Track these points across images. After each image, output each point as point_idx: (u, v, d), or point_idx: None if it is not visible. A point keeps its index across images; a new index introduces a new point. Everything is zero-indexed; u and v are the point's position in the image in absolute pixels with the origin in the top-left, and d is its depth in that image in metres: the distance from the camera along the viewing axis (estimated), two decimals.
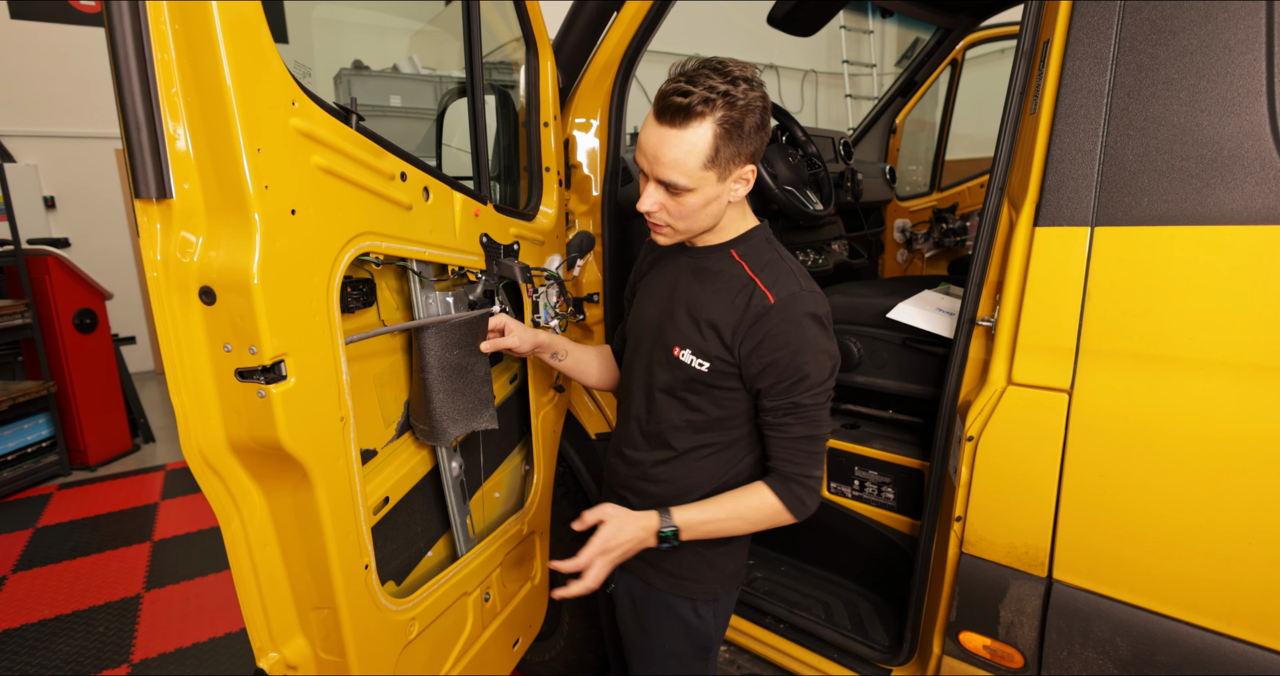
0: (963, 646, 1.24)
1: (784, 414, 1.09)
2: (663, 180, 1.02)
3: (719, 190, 1.04)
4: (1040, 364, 1.10)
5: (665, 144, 0.98)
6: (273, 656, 1.02)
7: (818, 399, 1.08)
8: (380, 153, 1.04)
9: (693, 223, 1.08)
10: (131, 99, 0.77)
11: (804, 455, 1.10)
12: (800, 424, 1.08)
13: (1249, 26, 0.91)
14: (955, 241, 3.19)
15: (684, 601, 1.22)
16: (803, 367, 1.05)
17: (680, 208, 1.04)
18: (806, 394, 1.07)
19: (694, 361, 1.11)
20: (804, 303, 1.06)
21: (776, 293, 1.06)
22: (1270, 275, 0.91)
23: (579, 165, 1.73)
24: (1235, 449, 0.95)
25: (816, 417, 1.09)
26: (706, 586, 1.22)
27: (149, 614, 2.58)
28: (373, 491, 1.19)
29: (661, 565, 1.22)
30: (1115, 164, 1.02)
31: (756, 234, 1.15)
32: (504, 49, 1.69)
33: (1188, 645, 1.01)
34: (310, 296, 0.91)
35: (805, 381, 1.06)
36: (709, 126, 0.96)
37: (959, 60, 3.17)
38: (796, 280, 1.08)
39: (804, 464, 1.10)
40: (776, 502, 1.09)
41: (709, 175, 1.01)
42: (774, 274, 1.09)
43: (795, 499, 1.10)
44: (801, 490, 1.10)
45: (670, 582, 1.22)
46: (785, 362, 1.05)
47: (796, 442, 1.09)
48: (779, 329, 1.04)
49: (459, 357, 1.25)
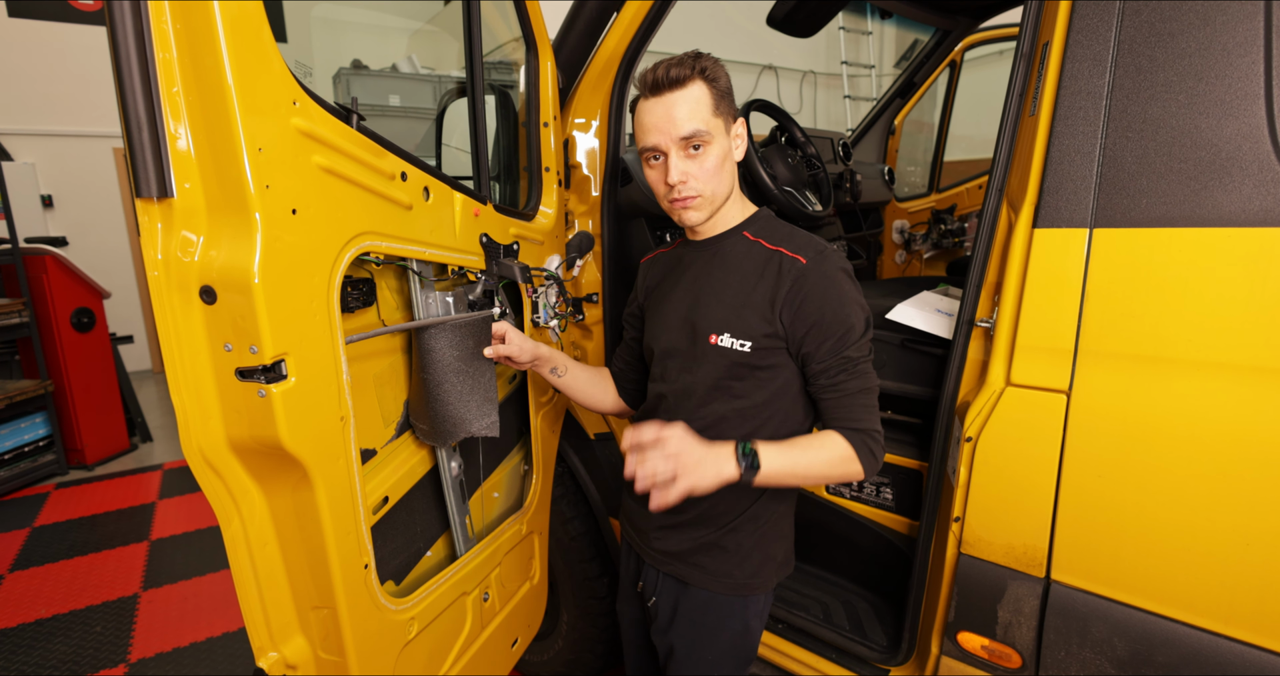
0: (961, 646, 1.25)
1: (837, 371, 1.08)
2: (685, 135, 1.07)
3: (727, 144, 1.11)
4: (1039, 365, 1.10)
5: (675, 106, 1.06)
6: (272, 656, 1.02)
7: (863, 351, 1.09)
8: (381, 152, 1.04)
9: (717, 184, 1.11)
10: (133, 98, 0.77)
11: (864, 409, 1.09)
12: (854, 378, 1.08)
13: (1247, 29, 0.92)
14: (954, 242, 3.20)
15: (737, 602, 1.20)
16: (847, 320, 1.07)
17: (704, 167, 1.09)
18: (854, 347, 1.07)
19: (734, 344, 1.11)
20: (834, 258, 1.09)
21: (806, 254, 1.09)
22: (1268, 277, 0.91)
23: (578, 165, 1.73)
24: (1233, 450, 0.95)
25: (866, 370, 1.09)
26: (761, 580, 1.20)
27: (146, 613, 2.58)
28: (372, 491, 1.19)
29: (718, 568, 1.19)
30: (1114, 166, 1.02)
31: (762, 214, 1.19)
32: (504, 49, 1.69)
33: (1185, 645, 1.02)
34: (311, 296, 0.91)
35: (851, 334, 1.07)
36: (700, 84, 1.07)
37: (958, 61, 3.17)
38: (818, 241, 1.12)
39: (866, 418, 1.09)
40: (849, 450, 1.07)
41: (719, 124, 1.09)
42: (796, 241, 1.12)
43: (866, 449, 1.08)
44: (872, 442, 1.08)
45: (726, 584, 1.19)
46: (831, 318, 1.06)
47: (855, 398, 1.09)
48: (818, 286, 1.07)
49: (460, 359, 1.24)
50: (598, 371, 1.42)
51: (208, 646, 2.37)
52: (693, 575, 1.21)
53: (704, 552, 1.20)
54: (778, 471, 1.03)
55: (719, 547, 1.19)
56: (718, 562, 1.19)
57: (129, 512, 3.46)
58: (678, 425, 1.01)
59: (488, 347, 1.28)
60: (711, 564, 1.19)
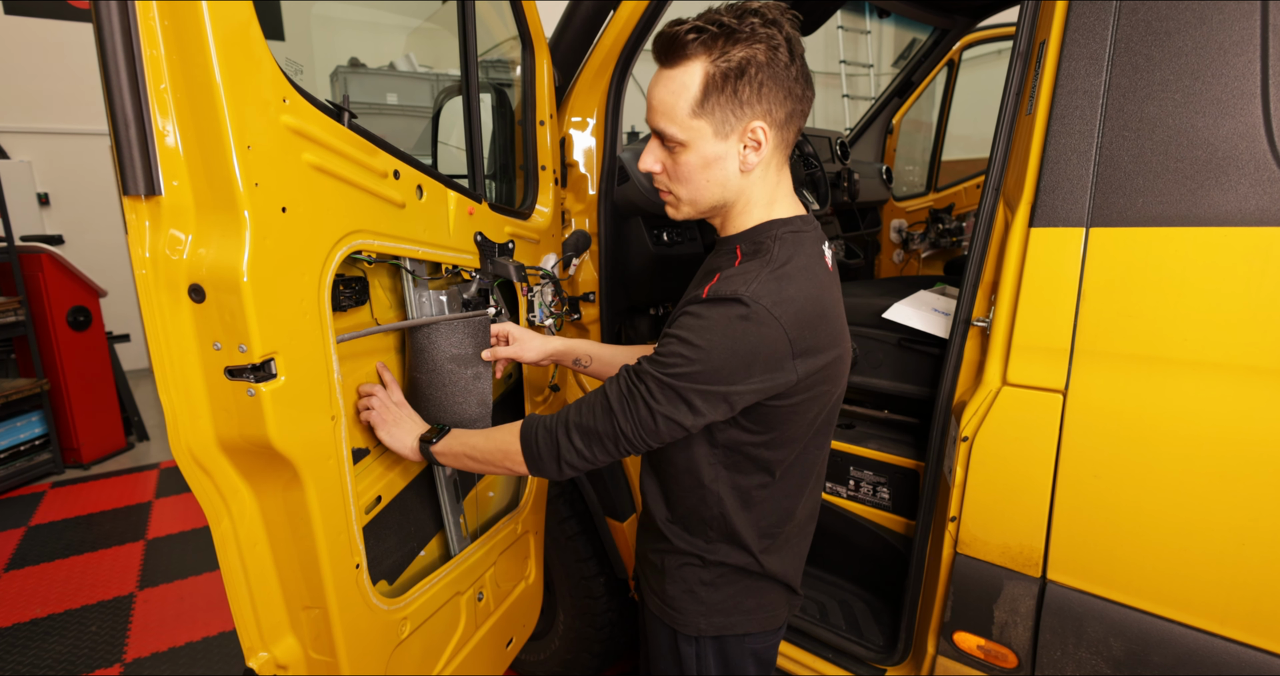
0: (957, 646, 1.24)
1: (622, 370, 0.93)
2: (654, 129, 0.89)
3: (719, 150, 0.88)
4: (1035, 364, 1.09)
5: (656, 84, 0.87)
6: (262, 656, 1.02)
7: (656, 386, 0.86)
8: (373, 150, 1.03)
9: (695, 191, 0.92)
10: (120, 95, 0.76)
11: (578, 407, 0.94)
12: (614, 382, 0.91)
13: (1244, 28, 0.91)
14: (951, 242, 3.20)
15: (664, 628, 1.10)
16: (675, 352, 0.86)
17: (677, 168, 0.90)
18: (656, 370, 0.87)
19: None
20: (728, 308, 0.85)
21: (715, 290, 0.87)
22: (1264, 277, 0.91)
23: (575, 164, 1.73)
24: (1228, 450, 0.95)
25: (630, 394, 0.88)
26: (686, 618, 1.06)
27: (142, 613, 2.57)
28: (365, 490, 1.18)
29: (650, 582, 1.12)
30: (1110, 165, 1.02)
31: (769, 229, 0.94)
32: (500, 47, 1.69)
33: (1181, 645, 1.01)
34: (301, 294, 0.90)
35: (665, 365, 0.86)
36: (699, 64, 0.84)
37: (956, 61, 3.17)
38: (748, 283, 0.86)
39: (570, 413, 0.94)
40: (512, 437, 0.98)
41: (701, 127, 0.86)
42: (740, 273, 0.89)
43: (531, 438, 0.96)
44: (543, 431, 0.95)
45: (655, 604, 1.10)
46: (668, 341, 0.88)
47: (591, 395, 0.93)
48: (687, 319, 0.87)
49: (454, 360, 1.23)
50: (632, 352, 1.29)
51: (204, 646, 2.36)
52: (641, 582, 1.16)
53: (644, 562, 1.14)
54: (450, 451, 1.08)
55: (651, 562, 1.11)
56: (651, 576, 1.12)
57: (125, 512, 3.46)
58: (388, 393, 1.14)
59: (486, 351, 1.24)
60: (648, 574, 1.12)
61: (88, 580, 2.81)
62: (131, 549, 3.05)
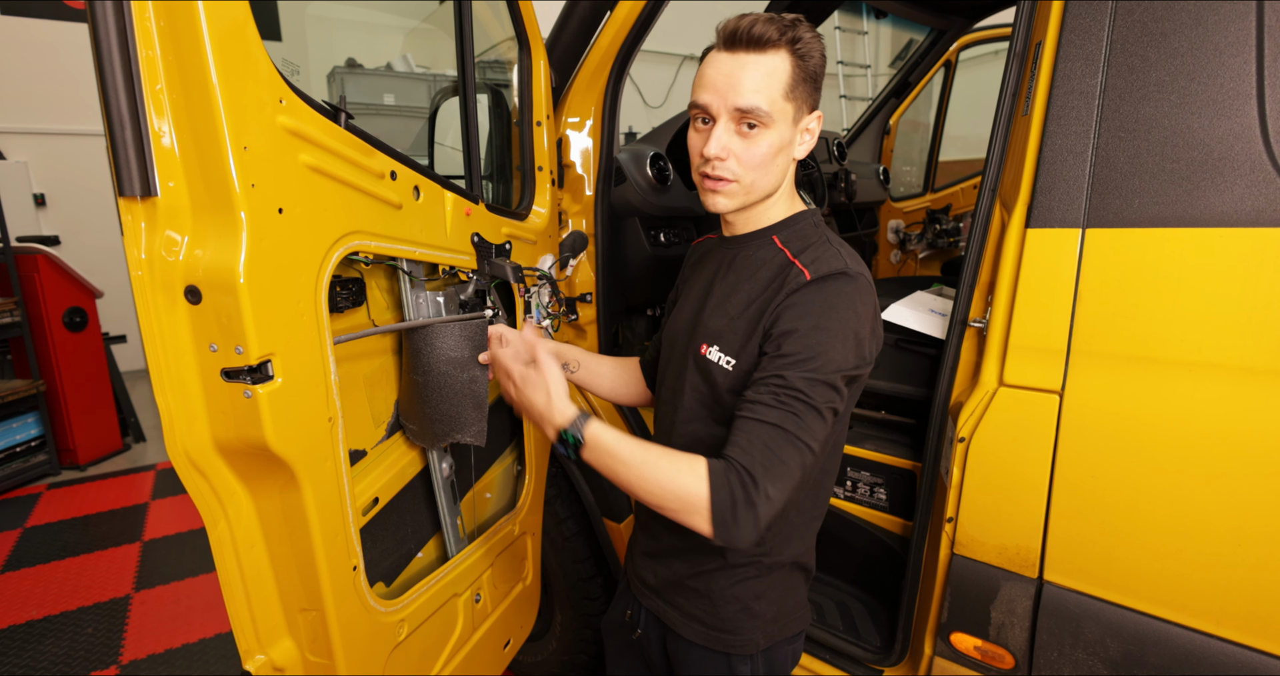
0: (954, 647, 1.25)
1: (765, 390, 0.85)
2: (742, 107, 0.88)
3: (790, 135, 0.93)
4: (1031, 365, 1.10)
5: (745, 68, 0.88)
6: (259, 658, 1.01)
7: (813, 391, 0.84)
8: (370, 151, 1.03)
9: (761, 176, 0.94)
10: (115, 95, 0.76)
11: (762, 450, 0.82)
12: (779, 408, 0.83)
13: (1239, 29, 0.91)
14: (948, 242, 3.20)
15: (717, 656, 1.05)
16: (816, 346, 0.85)
17: (752, 153, 0.91)
18: (804, 374, 0.84)
19: (720, 359, 0.96)
20: (846, 283, 0.89)
21: (816, 269, 0.90)
22: (1260, 277, 0.91)
23: (572, 165, 1.73)
24: (1224, 450, 0.95)
25: (800, 413, 0.83)
26: (744, 638, 1.03)
27: (138, 615, 2.56)
28: (362, 492, 1.18)
29: (690, 611, 1.06)
30: (1106, 166, 1.02)
31: (804, 218, 1.01)
32: (497, 48, 1.69)
33: (1177, 646, 1.02)
34: (298, 296, 0.90)
35: (811, 362, 0.84)
36: (786, 56, 0.89)
37: (952, 61, 3.17)
38: (843, 260, 0.91)
39: (758, 459, 0.81)
40: (700, 485, 0.81)
41: (788, 109, 0.91)
42: (816, 253, 0.93)
43: (725, 494, 0.80)
44: (740, 489, 0.80)
45: (700, 633, 1.05)
46: (800, 334, 0.86)
47: (764, 429, 0.83)
48: (809, 304, 0.88)
49: (451, 362, 1.23)
50: (621, 363, 1.29)
51: (200, 647, 2.36)
52: (668, 614, 1.09)
53: (677, 591, 1.07)
54: (594, 464, 0.89)
55: (691, 588, 1.05)
56: (690, 604, 1.06)
57: (121, 513, 3.45)
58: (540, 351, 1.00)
59: (483, 354, 1.22)
60: (685, 604, 1.06)
61: (84, 582, 2.80)
62: (128, 550, 3.05)
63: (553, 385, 0.95)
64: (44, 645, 2.39)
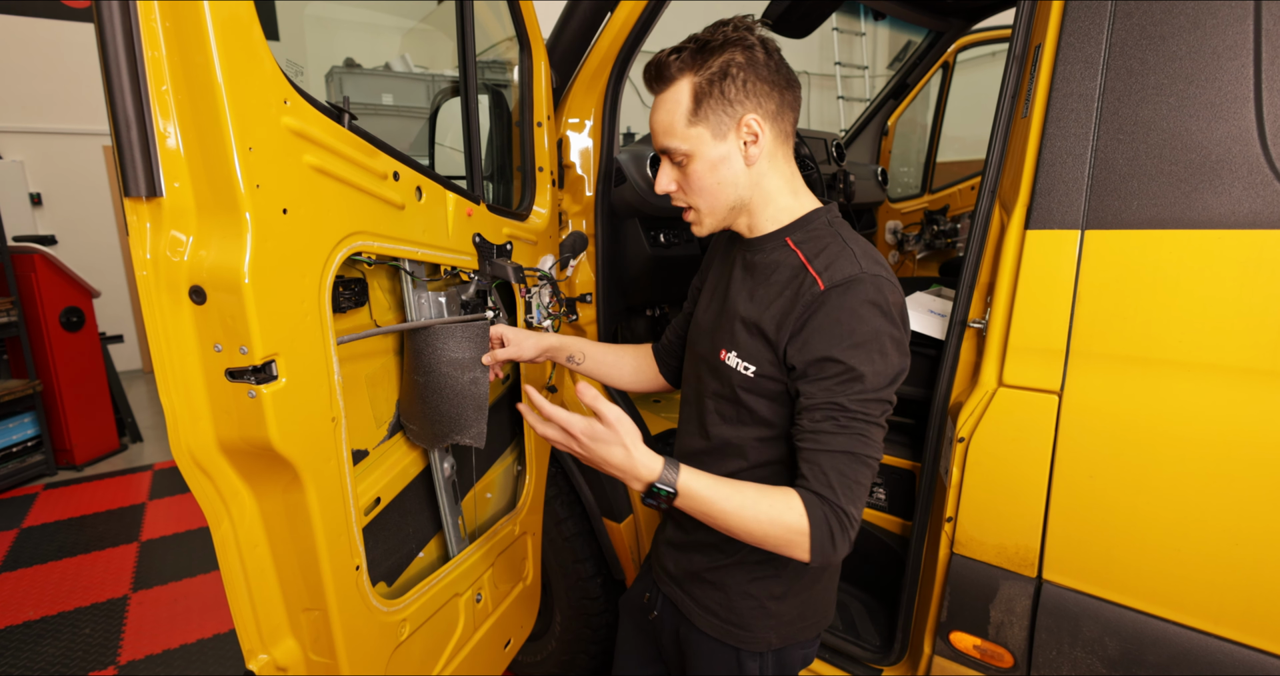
0: (953, 646, 1.25)
1: (823, 417, 0.87)
2: (662, 148, 0.95)
3: (722, 150, 0.93)
4: (1031, 366, 1.10)
5: (657, 109, 0.94)
6: (262, 658, 1.02)
7: (869, 409, 0.86)
8: (373, 152, 1.03)
9: (712, 198, 0.96)
10: (121, 96, 0.76)
11: (840, 478, 0.85)
12: (842, 434, 0.86)
13: (1237, 32, 0.92)
14: (946, 243, 3.21)
15: (726, 649, 1.05)
16: (856, 367, 0.85)
17: (689, 181, 0.95)
18: (853, 396, 0.86)
19: (740, 365, 0.96)
20: (863, 288, 0.87)
21: (830, 277, 0.89)
22: (1257, 279, 0.92)
23: (572, 165, 1.73)
24: (1222, 451, 0.96)
25: (862, 432, 0.86)
26: (755, 635, 1.04)
27: (136, 615, 2.56)
28: (364, 492, 1.18)
29: (705, 602, 1.07)
30: (1105, 168, 1.02)
31: (816, 217, 0.98)
32: (497, 48, 1.69)
33: (1175, 645, 1.02)
34: (302, 296, 0.90)
35: (854, 380, 0.86)
36: (686, 80, 0.91)
37: (950, 63, 3.18)
38: (856, 262, 0.89)
39: (837, 488, 0.85)
40: (801, 521, 0.83)
41: (700, 132, 0.92)
42: (830, 257, 0.91)
43: (823, 525, 0.83)
44: (834, 519, 0.84)
45: (713, 625, 1.06)
46: (837, 358, 0.86)
47: (834, 459, 0.86)
48: (830, 318, 0.87)
49: (452, 364, 1.23)
50: (626, 351, 1.30)
51: (198, 648, 2.35)
52: (684, 603, 1.10)
53: (695, 582, 1.09)
54: (690, 511, 0.88)
55: (708, 581, 1.07)
56: (706, 596, 1.07)
57: (119, 513, 3.44)
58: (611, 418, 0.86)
59: (486, 355, 1.22)
60: (701, 596, 1.08)
61: (81, 582, 2.79)
62: (125, 551, 3.04)
63: (626, 436, 0.87)
64: (41, 646, 2.39)
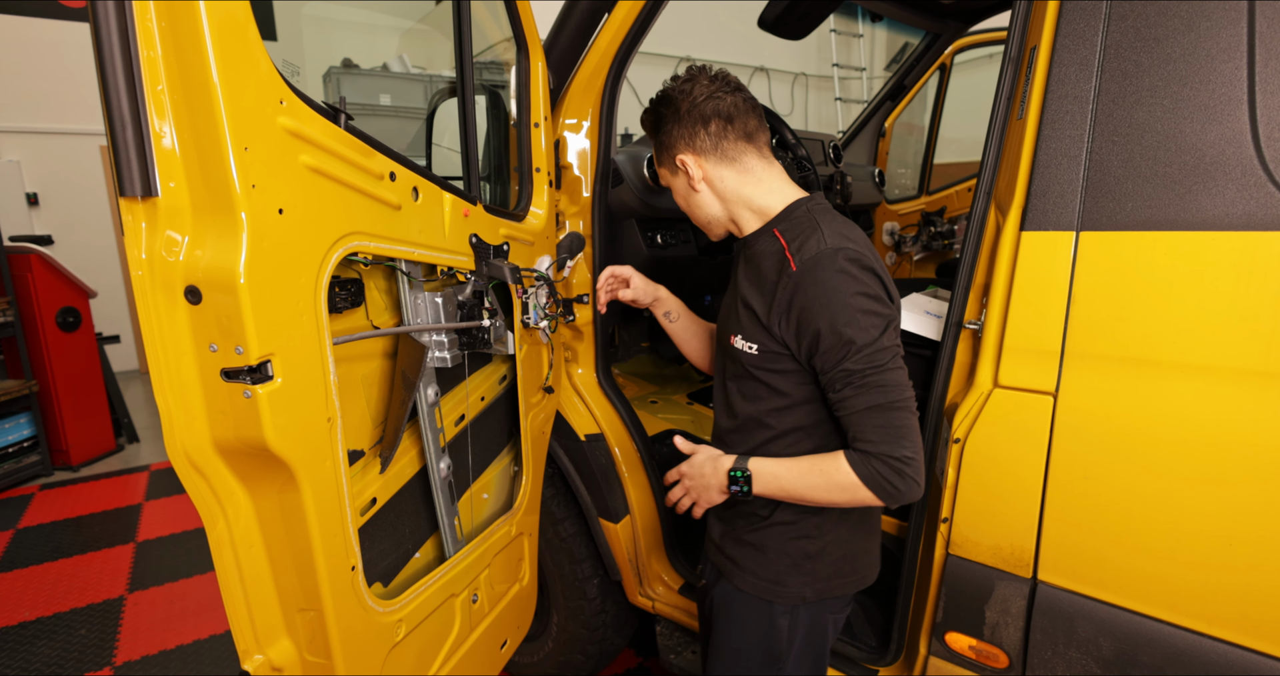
0: (949, 647, 1.25)
1: (840, 386, 1.00)
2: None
3: (678, 184, 1.19)
4: (1026, 367, 1.11)
5: None
6: (258, 658, 1.01)
7: (874, 362, 0.98)
8: (369, 152, 1.03)
9: (695, 215, 1.21)
10: (117, 96, 0.76)
11: (876, 430, 0.98)
12: (859, 394, 0.99)
13: (1230, 35, 0.93)
14: (943, 244, 3.22)
15: (761, 603, 1.17)
16: (843, 332, 0.98)
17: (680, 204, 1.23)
18: (854, 358, 0.98)
19: (745, 346, 1.10)
20: (826, 260, 0.99)
21: (800, 258, 1.02)
22: (1251, 280, 0.92)
23: (569, 166, 1.73)
24: (1216, 451, 0.96)
25: (878, 383, 0.98)
26: (789, 590, 1.15)
27: (132, 616, 2.55)
28: (360, 492, 1.18)
29: (745, 563, 1.18)
30: (1100, 169, 1.03)
31: (797, 207, 1.11)
32: (494, 49, 1.69)
33: (1169, 645, 1.03)
34: (298, 296, 0.90)
35: (850, 346, 0.98)
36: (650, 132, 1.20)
37: (947, 65, 3.19)
38: (824, 240, 1.02)
39: (879, 440, 0.98)
40: (850, 475, 0.99)
41: (664, 172, 1.22)
42: (803, 240, 1.04)
43: (875, 476, 0.98)
44: (883, 467, 0.97)
45: (752, 583, 1.17)
46: (825, 329, 0.99)
47: (861, 417, 0.99)
48: (808, 295, 1.00)
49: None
50: (704, 327, 1.47)
51: (194, 649, 2.35)
52: (725, 566, 1.21)
53: (734, 545, 1.20)
54: (769, 494, 1.08)
55: (745, 542, 1.18)
56: (744, 557, 1.18)
57: (115, 514, 3.43)
58: (699, 449, 1.18)
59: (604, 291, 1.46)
60: (740, 557, 1.19)
61: (77, 583, 2.79)
62: (121, 551, 3.03)
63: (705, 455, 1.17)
64: (37, 646, 2.38)
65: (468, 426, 1.48)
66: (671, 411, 2.28)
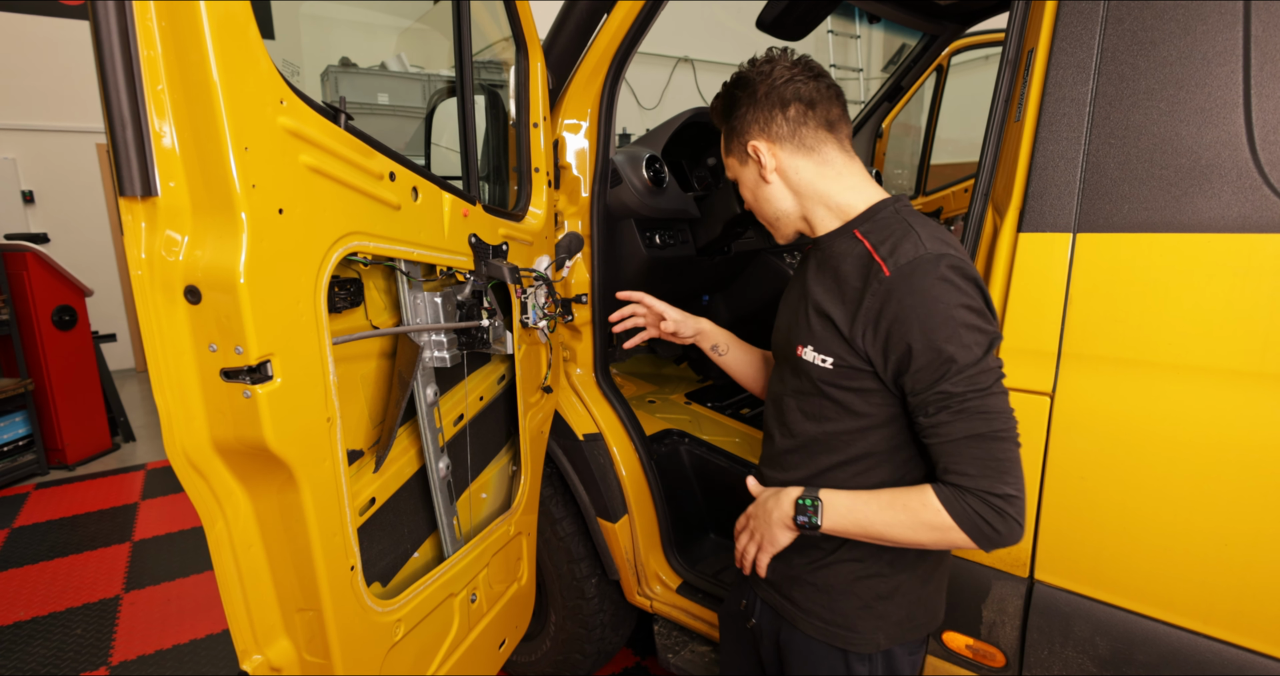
0: (946, 646, 1.26)
1: (936, 409, 0.88)
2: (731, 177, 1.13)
3: (748, 174, 1.07)
4: (1022, 367, 1.11)
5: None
6: (256, 658, 1.02)
7: (976, 384, 0.86)
8: (369, 152, 1.03)
9: (763, 210, 1.09)
10: (117, 95, 0.76)
11: (974, 462, 0.86)
12: (957, 420, 0.87)
13: (1227, 39, 0.93)
14: None
15: (834, 652, 1.04)
16: (939, 347, 0.86)
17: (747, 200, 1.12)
18: (953, 379, 0.86)
19: (816, 359, 0.98)
20: (927, 267, 0.87)
21: (895, 262, 0.89)
22: (1246, 282, 0.93)
23: (568, 166, 1.73)
24: (1213, 452, 0.97)
25: (980, 409, 0.86)
26: (863, 637, 1.02)
27: (128, 615, 2.55)
28: (359, 492, 1.18)
29: (807, 605, 1.06)
30: (1097, 172, 1.03)
31: (883, 207, 0.99)
32: (493, 49, 1.69)
33: (1165, 644, 1.03)
34: (297, 296, 0.90)
35: (946, 363, 0.86)
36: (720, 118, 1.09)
37: (944, 66, 3.20)
38: (921, 244, 0.89)
39: (977, 474, 0.86)
40: (941, 514, 0.87)
41: (732, 162, 1.10)
42: (894, 243, 0.92)
43: (970, 515, 0.85)
44: (981, 506, 0.85)
45: (817, 628, 1.04)
46: (921, 344, 0.87)
47: (958, 446, 0.87)
48: (903, 305, 0.88)
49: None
50: (757, 354, 1.35)
51: (190, 648, 2.35)
52: (784, 607, 1.09)
53: (794, 585, 1.07)
54: (842, 530, 0.95)
55: (808, 583, 1.05)
56: (807, 599, 1.06)
57: (111, 513, 3.42)
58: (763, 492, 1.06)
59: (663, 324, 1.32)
60: (801, 599, 1.06)
61: (73, 582, 2.78)
62: (117, 551, 3.03)
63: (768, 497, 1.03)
64: (32, 646, 2.37)
65: (466, 426, 1.48)
66: (670, 411, 2.28)
